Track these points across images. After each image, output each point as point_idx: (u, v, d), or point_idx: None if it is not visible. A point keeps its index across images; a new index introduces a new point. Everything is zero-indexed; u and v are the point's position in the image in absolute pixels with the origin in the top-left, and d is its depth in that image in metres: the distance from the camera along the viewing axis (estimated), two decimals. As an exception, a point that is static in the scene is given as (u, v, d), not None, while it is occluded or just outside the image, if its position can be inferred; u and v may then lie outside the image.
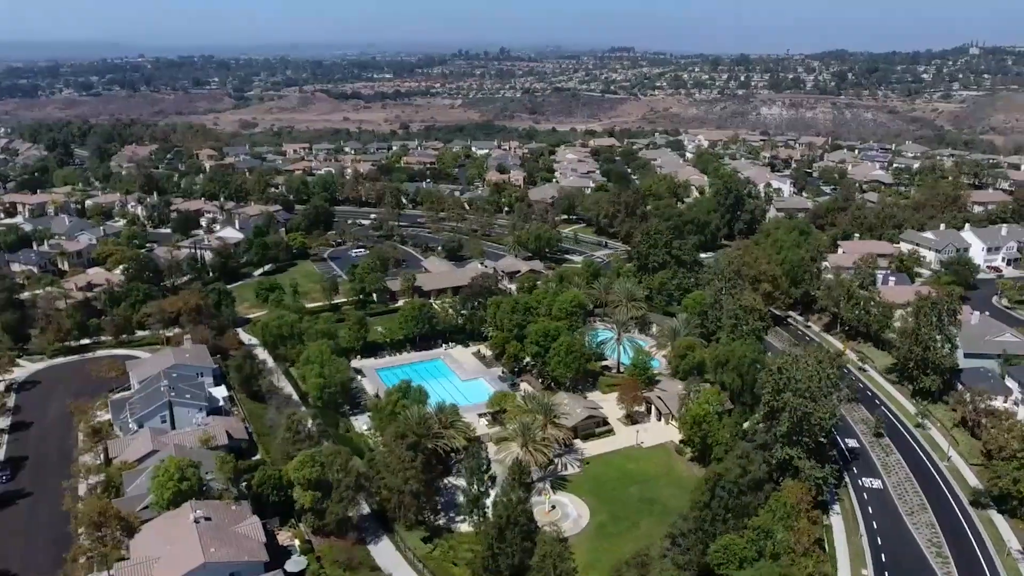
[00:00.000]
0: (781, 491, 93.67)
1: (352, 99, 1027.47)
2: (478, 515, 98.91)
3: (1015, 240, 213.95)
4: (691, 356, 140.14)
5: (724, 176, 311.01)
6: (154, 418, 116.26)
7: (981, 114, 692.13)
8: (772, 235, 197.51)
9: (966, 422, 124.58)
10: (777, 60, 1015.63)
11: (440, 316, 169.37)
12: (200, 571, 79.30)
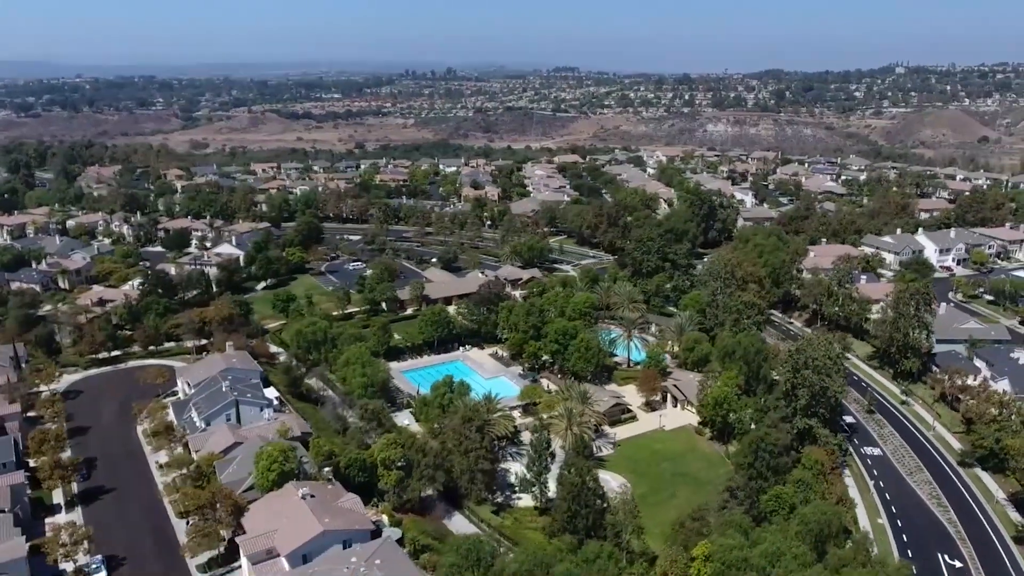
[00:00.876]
0: (805, 455, 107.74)
1: (303, 119, 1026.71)
2: (539, 489, 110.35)
3: (963, 242, 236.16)
4: (698, 348, 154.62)
5: (690, 189, 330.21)
6: (220, 416, 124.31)
7: (911, 129, 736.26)
8: (751, 241, 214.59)
9: (945, 397, 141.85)
10: (718, 79, 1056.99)
11: (455, 321, 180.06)
12: (319, 539, 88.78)
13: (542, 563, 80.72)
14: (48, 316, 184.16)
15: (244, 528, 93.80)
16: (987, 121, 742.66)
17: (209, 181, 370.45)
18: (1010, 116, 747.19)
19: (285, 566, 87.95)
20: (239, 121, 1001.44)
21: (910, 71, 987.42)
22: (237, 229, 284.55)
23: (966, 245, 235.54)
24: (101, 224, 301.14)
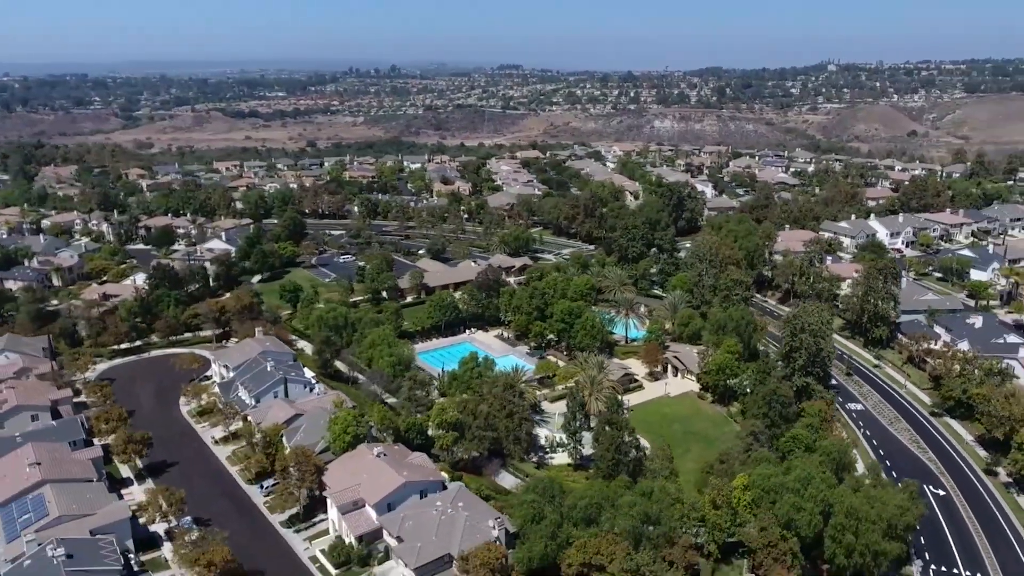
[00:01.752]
0: (807, 407, 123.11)
1: (249, 118, 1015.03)
2: (574, 447, 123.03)
3: (910, 226, 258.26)
4: (692, 324, 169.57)
5: (652, 181, 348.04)
6: (269, 394, 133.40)
7: (845, 124, 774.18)
8: (724, 228, 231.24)
9: (912, 360, 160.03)
10: (660, 76, 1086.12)
11: (461, 306, 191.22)
12: (401, 489, 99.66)
13: (607, 496, 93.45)
14: (61, 310, 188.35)
15: (326, 485, 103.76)
16: (915, 116, 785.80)
17: (187, 181, 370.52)
18: (935, 111, 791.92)
19: (372, 514, 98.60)
20: (183, 120, 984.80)
21: (841, 69, 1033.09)
22: (221, 225, 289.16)
23: (913, 229, 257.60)
24: (78, 223, 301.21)
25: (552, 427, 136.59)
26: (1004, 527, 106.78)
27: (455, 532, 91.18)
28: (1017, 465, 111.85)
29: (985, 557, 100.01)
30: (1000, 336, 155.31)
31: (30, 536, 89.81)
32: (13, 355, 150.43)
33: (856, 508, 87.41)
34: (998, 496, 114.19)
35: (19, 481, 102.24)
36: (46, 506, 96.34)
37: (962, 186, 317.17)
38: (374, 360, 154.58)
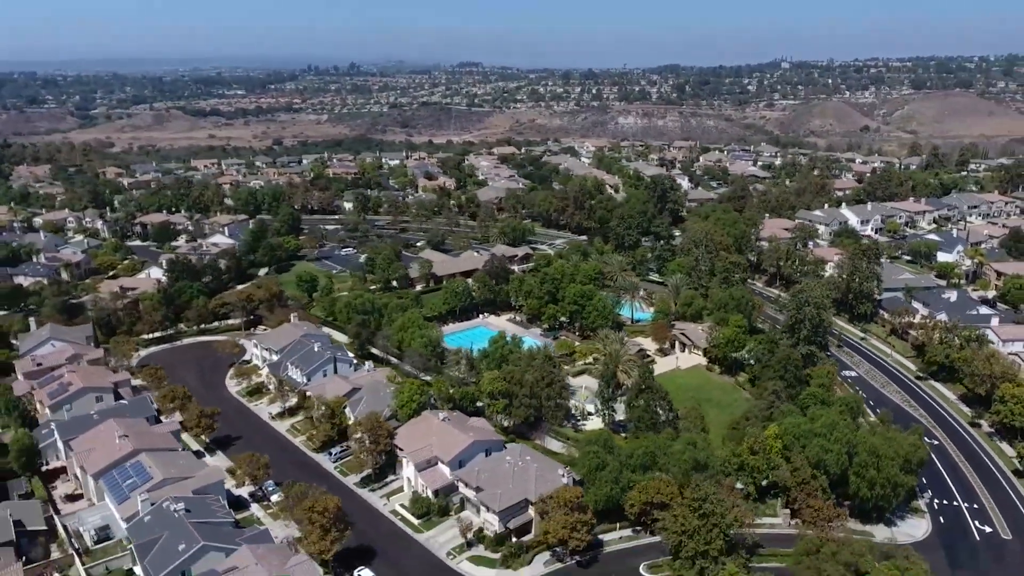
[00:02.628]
0: (815, 371, 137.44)
1: (211, 116, 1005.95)
2: (607, 412, 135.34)
3: (879, 214, 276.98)
4: (695, 304, 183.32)
5: (628, 175, 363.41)
6: (318, 372, 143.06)
7: (801, 120, 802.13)
8: (711, 217, 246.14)
9: (895, 332, 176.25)
10: (621, 74, 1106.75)
11: (474, 292, 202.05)
12: (470, 448, 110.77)
13: (660, 446, 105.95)
14: (86, 302, 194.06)
15: (399, 447, 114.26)
16: (866, 112, 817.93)
17: (178, 179, 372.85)
18: (885, 107, 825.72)
19: (446, 470, 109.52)
20: (142, 119, 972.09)
21: (794, 66, 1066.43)
22: (219, 221, 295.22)
23: (881, 216, 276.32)
24: (71, 221, 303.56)
25: (577, 398, 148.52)
26: (991, 467, 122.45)
27: (528, 480, 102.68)
28: (999, 416, 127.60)
29: (978, 491, 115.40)
30: (973, 308, 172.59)
31: (144, 496, 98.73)
32: (60, 343, 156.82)
33: (877, 447, 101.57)
34: (983, 443, 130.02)
35: (113, 452, 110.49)
36: (148, 471, 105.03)
37: (921, 177, 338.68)
38: (404, 341, 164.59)
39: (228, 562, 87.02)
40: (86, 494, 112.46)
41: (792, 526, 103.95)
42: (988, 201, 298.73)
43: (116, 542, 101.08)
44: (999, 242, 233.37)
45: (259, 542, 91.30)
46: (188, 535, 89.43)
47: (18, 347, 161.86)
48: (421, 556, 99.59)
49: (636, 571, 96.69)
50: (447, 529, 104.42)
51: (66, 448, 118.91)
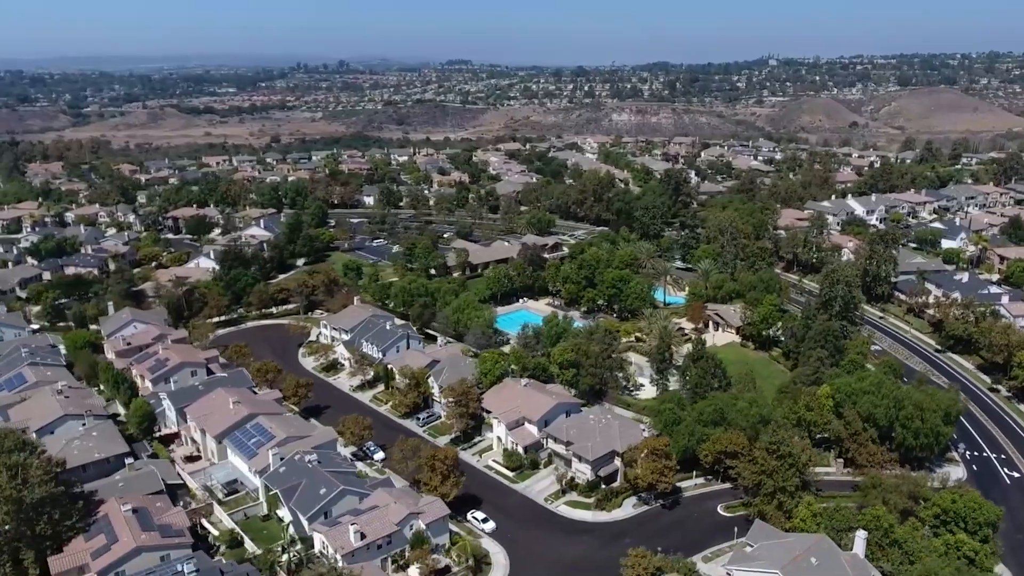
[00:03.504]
0: (850, 343, 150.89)
1: (205, 114, 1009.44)
2: (661, 382, 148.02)
3: (883, 204, 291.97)
4: (726, 287, 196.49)
5: (636, 169, 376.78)
6: (393, 347, 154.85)
7: (791, 116, 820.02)
8: (729, 207, 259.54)
9: (912, 311, 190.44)
10: (611, 71, 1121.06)
11: (514, 278, 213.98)
12: (554, 409, 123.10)
13: (727, 403, 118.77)
14: (147, 289, 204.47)
15: (488, 410, 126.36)
16: (854, 108, 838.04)
17: (206, 174, 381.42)
18: (872, 104, 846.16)
19: (534, 429, 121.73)
20: (136, 117, 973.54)
21: (781, 63, 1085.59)
22: (249, 215, 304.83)
23: (885, 207, 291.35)
24: (103, 215, 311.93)
25: (628, 372, 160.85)
26: (1012, 425, 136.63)
27: (613, 435, 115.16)
28: (1018, 380, 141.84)
29: (1003, 444, 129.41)
30: (984, 288, 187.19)
31: (274, 451, 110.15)
32: (141, 325, 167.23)
33: (920, 401, 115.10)
34: (1004, 405, 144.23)
35: (229, 416, 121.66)
36: (269, 431, 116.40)
37: (919, 170, 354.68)
38: (460, 322, 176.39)
39: (366, 503, 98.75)
40: (204, 455, 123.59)
41: (845, 474, 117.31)
42: (984, 192, 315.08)
43: (244, 494, 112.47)
44: (1000, 229, 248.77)
45: (385, 487, 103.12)
46: (326, 481, 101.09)
47: (99, 330, 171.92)
48: (521, 502, 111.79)
49: (714, 511, 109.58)
50: (540, 480, 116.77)
51: (178, 415, 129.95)
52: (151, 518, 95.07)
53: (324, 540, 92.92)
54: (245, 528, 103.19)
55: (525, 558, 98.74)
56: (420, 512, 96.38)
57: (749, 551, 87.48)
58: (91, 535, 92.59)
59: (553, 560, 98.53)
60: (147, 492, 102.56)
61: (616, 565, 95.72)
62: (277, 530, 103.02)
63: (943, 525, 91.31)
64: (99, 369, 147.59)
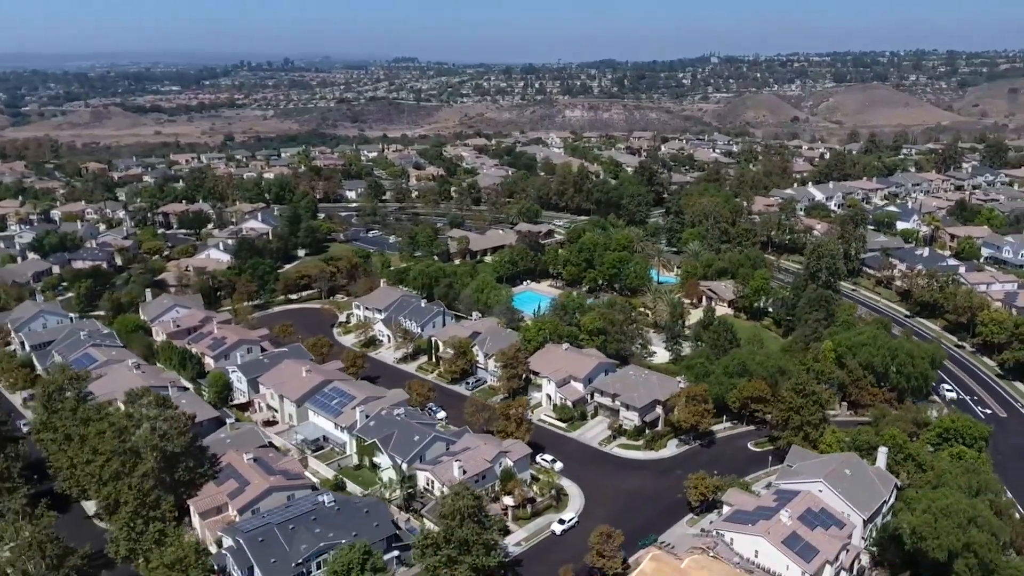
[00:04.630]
0: (839, 307, 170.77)
1: (152, 113, 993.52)
2: (674, 345, 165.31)
3: (839, 192, 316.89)
4: (715, 265, 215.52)
5: (604, 162, 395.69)
6: (430, 323, 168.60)
7: (736, 112, 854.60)
8: (706, 194, 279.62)
9: (880, 283, 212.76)
10: (560, 68, 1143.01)
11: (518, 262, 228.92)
12: (596, 368, 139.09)
13: (747, 357, 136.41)
14: (167, 278, 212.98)
15: (535, 372, 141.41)
16: (795, 103, 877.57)
17: (193, 170, 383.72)
18: (811, 99, 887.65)
19: (579, 386, 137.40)
20: (79, 116, 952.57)
21: (723, 61, 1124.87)
22: (241, 209, 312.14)
23: (842, 193, 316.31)
24: (90, 212, 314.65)
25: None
26: (979, 373, 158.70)
27: (653, 386, 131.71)
28: (981, 336, 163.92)
29: (974, 387, 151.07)
30: (943, 261, 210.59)
31: (361, 408, 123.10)
32: (183, 309, 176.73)
33: (911, 349, 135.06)
34: (970, 359, 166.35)
35: (305, 382, 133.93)
36: (347, 392, 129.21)
37: (867, 160, 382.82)
38: (480, 300, 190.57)
39: (454, 448, 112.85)
40: (281, 419, 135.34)
41: (849, 415, 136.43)
42: (928, 179, 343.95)
43: (330, 449, 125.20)
44: (947, 211, 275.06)
45: (469, 434, 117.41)
46: (418, 429, 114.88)
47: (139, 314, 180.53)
48: (579, 447, 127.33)
49: (745, 448, 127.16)
50: (590, 429, 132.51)
51: (249, 386, 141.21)
52: (271, 465, 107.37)
53: (429, 477, 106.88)
54: (342, 476, 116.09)
55: (594, 489, 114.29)
56: (507, 451, 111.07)
57: (792, 468, 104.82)
58: (221, 481, 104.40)
59: (618, 490, 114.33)
60: (254, 446, 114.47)
61: (671, 491, 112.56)
62: (370, 477, 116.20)
63: (944, 442, 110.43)
64: (159, 348, 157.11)
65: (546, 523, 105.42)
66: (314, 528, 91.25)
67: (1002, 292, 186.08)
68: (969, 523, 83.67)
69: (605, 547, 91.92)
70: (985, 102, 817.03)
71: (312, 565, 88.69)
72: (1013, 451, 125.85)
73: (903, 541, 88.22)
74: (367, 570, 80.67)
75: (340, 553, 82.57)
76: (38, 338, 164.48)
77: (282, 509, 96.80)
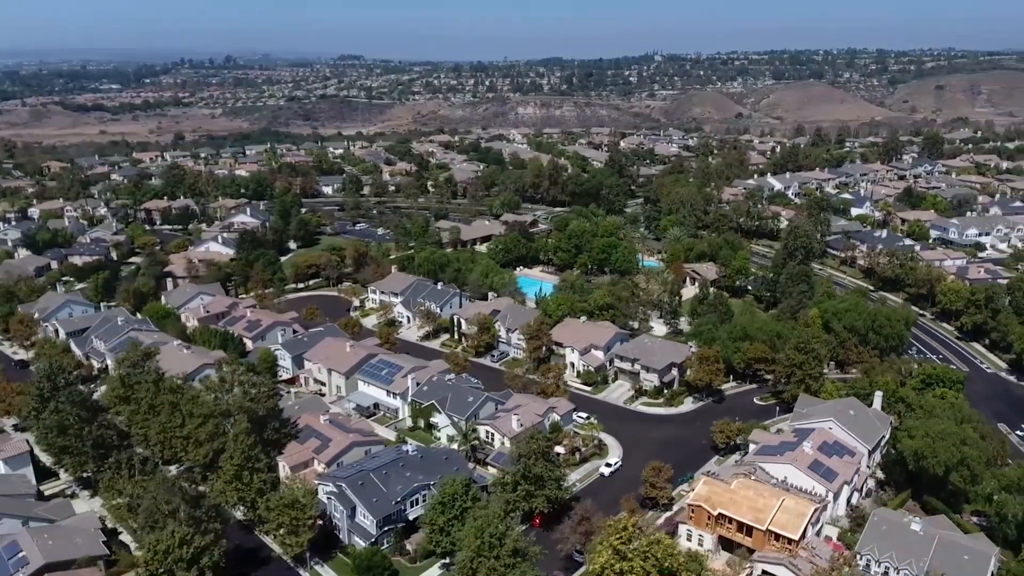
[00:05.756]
0: (816, 279, 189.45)
1: (95, 111, 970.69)
2: (670, 318, 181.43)
3: (796, 182, 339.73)
4: (696, 248, 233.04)
5: (570, 156, 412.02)
6: (447, 304, 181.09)
7: (683, 108, 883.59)
8: (678, 183, 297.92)
9: (845, 262, 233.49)
10: (509, 66, 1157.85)
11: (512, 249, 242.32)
12: (614, 337, 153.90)
13: (748, 324, 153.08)
14: (173, 271, 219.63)
15: (559, 342, 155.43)
16: (737, 100, 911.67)
17: (172, 166, 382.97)
18: (753, 96, 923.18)
19: (600, 354, 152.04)
20: (17, 115, 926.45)
21: (667, 59, 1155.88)
22: (225, 205, 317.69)
23: (798, 183, 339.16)
24: (70, 210, 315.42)
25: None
26: (940, 335, 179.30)
27: (668, 351, 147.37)
28: (941, 305, 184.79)
29: (938, 348, 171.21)
30: (900, 241, 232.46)
31: (412, 376, 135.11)
32: (207, 296, 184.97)
33: (888, 313, 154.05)
34: (931, 325, 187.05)
35: (351, 357, 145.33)
36: (394, 363, 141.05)
37: (817, 152, 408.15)
38: (485, 284, 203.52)
39: (506, 405, 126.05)
40: (329, 391, 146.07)
41: (838, 373, 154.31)
42: (874, 169, 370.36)
43: (382, 414, 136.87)
44: (895, 198, 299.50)
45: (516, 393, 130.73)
46: (471, 391, 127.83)
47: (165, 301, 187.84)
48: (605, 405, 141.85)
49: (751, 403, 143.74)
50: (613, 391, 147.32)
51: (293, 362, 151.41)
52: (345, 424, 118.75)
53: (488, 430, 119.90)
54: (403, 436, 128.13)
55: (628, 439, 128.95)
56: (554, 407, 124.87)
57: (804, 412, 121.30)
58: (302, 440, 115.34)
59: (649, 439, 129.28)
60: (320, 410, 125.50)
61: (695, 439, 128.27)
62: (426, 437, 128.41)
63: (927, 387, 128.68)
64: (195, 332, 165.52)
65: (594, 467, 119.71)
66: (404, 472, 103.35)
67: (954, 267, 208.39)
68: (961, 444, 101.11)
69: (657, 479, 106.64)
70: (914, 98, 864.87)
71: (407, 503, 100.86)
72: (978, 397, 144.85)
73: (906, 463, 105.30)
74: (469, 498, 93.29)
75: (445, 485, 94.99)
76: (72, 325, 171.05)
77: (369, 459, 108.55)
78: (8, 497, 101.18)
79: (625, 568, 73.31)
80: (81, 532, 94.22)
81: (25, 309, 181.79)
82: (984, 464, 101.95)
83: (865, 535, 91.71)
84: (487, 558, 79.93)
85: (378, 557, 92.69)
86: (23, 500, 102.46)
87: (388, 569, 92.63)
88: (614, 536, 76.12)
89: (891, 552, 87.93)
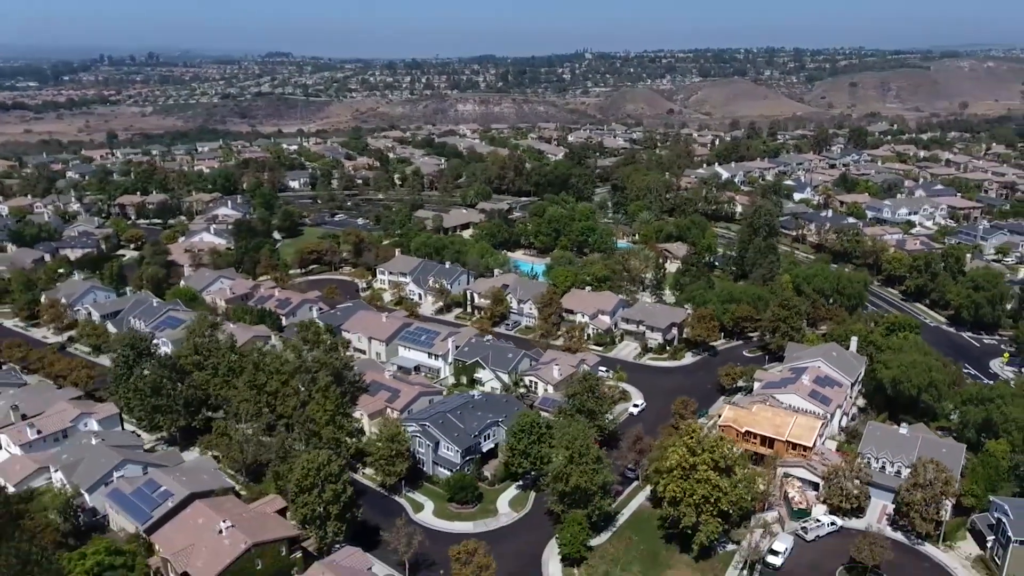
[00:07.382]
0: (782, 255, 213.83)
1: (15, 110, 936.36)
2: (658, 290, 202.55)
3: (742, 171, 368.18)
4: (664, 230, 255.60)
5: (525, 150, 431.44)
6: (456, 281, 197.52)
7: (617, 105, 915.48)
8: (639, 172, 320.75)
9: (796, 239, 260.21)
10: (444, 63, 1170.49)
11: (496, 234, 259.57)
12: (617, 303, 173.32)
13: (733, 288, 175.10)
14: (175, 260, 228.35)
15: (569, 310, 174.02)
16: (668, 96, 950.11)
17: (142, 162, 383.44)
18: (682, 93, 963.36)
19: (606, 318, 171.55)
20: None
21: (597, 57, 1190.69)
22: (201, 199, 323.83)
23: (743, 172, 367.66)
24: (39, 206, 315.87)
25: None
26: (888, 298, 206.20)
27: (668, 313, 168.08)
28: (885, 273, 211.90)
29: (889, 308, 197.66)
30: (845, 219, 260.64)
31: (452, 339, 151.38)
32: (227, 280, 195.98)
33: (849, 275, 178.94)
34: (879, 290, 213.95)
35: (387, 326, 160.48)
36: (430, 331, 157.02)
37: (755, 144, 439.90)
38: (483, 264, 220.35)
39: (542, 359, 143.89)
40: (368, 355, 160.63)
41: (811, 330, 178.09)
42: (808, 159, 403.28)
43: (424, 374, 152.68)
44: (832, 183, 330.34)
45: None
46: (510, 349, 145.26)
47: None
48: (618, 361, 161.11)
49: (742, 355, 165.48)
50: (622, 349, 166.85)
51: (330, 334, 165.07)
52: (407, 379, 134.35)
53: (532, 379, 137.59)
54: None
55: (644, 386, 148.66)
56: (584, 359, 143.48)
57: (795, 355, 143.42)
58: (372, 393, 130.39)
59: (662, 386, 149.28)
60: (376, 370, 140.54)
61: (701, 384, 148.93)
62: (466, 392, 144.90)
63: (892, 332, 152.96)
64: (229, 310, 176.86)
65: (622, 409, 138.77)
66: (475, 412, 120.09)
67: (893, 240, 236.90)
68: (929, 370, 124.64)
69: (684, 411, 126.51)
70: (830, 95, 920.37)
71: (482, 437, 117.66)
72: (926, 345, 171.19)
73: (885, 389, 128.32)
74: (535, 431, 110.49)
75: (519, 418, 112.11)
76: (103, 309, 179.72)
77: (441, 403, 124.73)
78: (125, 447, 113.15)
79: (696, 462, 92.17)
80: (205, 471, 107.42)
81: (51, 294, 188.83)
82: (948, 385, 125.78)
83: (864, 440, 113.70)
84: (577, 463, 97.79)
85: (467, 480, 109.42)
86: (136, 451, 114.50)
87: (476, 489, 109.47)
88: (687, 436, 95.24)
89: (886, 451, 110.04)
